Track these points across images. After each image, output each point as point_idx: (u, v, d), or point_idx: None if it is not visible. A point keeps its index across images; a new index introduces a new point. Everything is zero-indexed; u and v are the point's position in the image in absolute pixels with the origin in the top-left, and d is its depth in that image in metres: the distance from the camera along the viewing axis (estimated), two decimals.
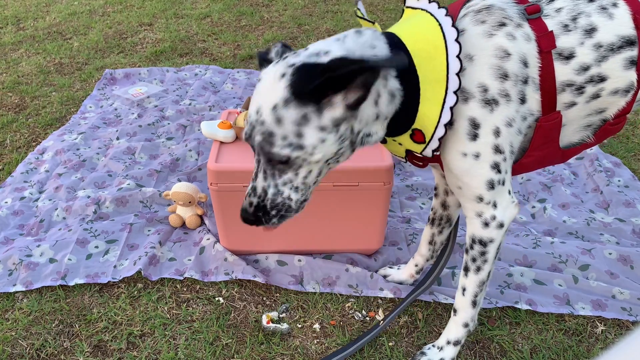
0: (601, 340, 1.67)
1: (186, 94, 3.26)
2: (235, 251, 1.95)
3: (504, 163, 1.25)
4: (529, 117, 1.23)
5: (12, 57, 3.84)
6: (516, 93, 1.19)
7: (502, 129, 1.20)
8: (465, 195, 1.32)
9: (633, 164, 2.55)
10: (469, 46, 1.18)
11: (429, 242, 1.74)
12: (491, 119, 1.19)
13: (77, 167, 2.52)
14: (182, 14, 4.72)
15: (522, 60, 1.18)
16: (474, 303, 1.46)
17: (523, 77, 1.19)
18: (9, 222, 2.18)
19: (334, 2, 5.04)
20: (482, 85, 1.18)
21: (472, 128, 1.21)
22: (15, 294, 1.84)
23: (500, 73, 1.17)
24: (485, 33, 1.18)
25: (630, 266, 1.90)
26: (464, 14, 1.21)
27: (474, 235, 1.36)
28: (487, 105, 1.19)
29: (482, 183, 1.26)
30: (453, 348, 1.53)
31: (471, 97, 1.19)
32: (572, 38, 1.20)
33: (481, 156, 1.23)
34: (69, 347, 1.65)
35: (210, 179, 1.77)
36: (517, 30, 1.19)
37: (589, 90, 1.23)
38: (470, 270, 1.42)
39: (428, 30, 1.17)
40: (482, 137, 1.21)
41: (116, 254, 1.98)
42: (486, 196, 1.28)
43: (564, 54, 1.20)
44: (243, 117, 1.91)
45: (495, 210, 1.31)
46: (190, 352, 1.62)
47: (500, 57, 1.17)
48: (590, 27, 1.20)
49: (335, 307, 1.79)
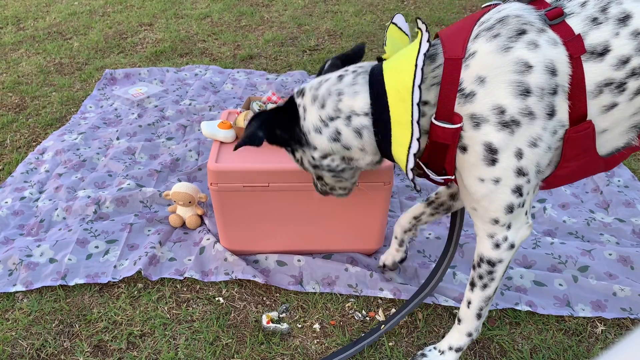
0: (601, 340, 1.67)
1: (186, 94, 3.26)
2: (235, 251, 1.95)
3: (527, 185, 1.18)
4: (559, 129, 1.13)
5: (12, 57, 3.84)
6: (542, 108, 1.09)
7: (526, 150, 1.12)
8: (480, 217, 1.27)
9: (633, 164, 2.55)
10: (479, 67, 1.10)
11: (414, 216, 1.69)
12: (512, 142, 1.11)
13: (77, 167, 2.52)
14: (182, 14, 4.72)
15: (549, 69, 1.08)
16: (478, 315, 1.45)
17: (551, 88, 1.09)
18: (9, 222, 2.18)
19: (334, 2, 5.04)
20: (498, 107, 1.10)
21: (488, 153, 1.13)
22: (16, 294, 1.84)
23: (521, 90, 1.08)
24: (500, 48, 1.09)
25: (631, 266, 1.90)
26: (476, 34, 1.13)
27: (483, 255, 1.32)
28: (505, 128, 1.10)
29: (501, 207, 1.21)
30: (454, 354, 1.52)
31: (484, 122, 1.11)
32: (604, 31, 1.08)
33: (502, 181, 1.16)
34: (69, 347, 1.65)
35: (210, 179, 1.77)
36: (540, 36, 1.08)
37: (632, 85, 1.10)
38: (476, 286, 1.39)
39: (406, 68, 1.13)
40: (502, 161, 1.13)
41: (116, 254, 1.98)
42: (502, 219, 1.24)
43: (596, 51, 1.08)
44: (243, 117, 1.91)
45: (508, 232, 1.26)
46: (190, 352, 1.62)
47: (519, 72, 1.08)
48: (623, 14, 1.07)
49: (335, 307, 1.79)
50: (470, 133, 1.14)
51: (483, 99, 1.11)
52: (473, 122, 1.13)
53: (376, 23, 4.47)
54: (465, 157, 1.18)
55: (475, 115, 1.12)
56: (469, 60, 1.12)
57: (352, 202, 1.82)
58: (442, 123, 1.15)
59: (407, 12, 4.72)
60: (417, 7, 4.85)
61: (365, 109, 1.22)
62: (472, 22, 1.16)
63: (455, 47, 1.13)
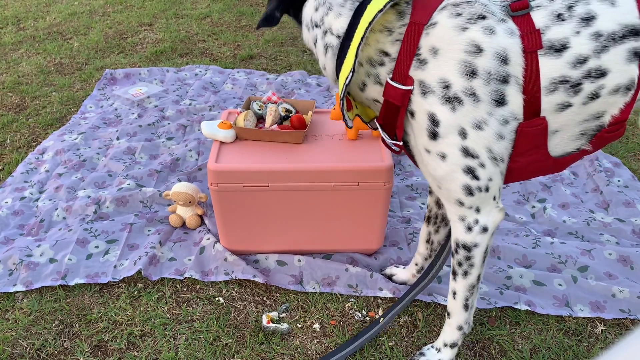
0: (601, 340, 1.67)
1: (186, 94, 3.26)
2: (235, 251, 1.96)
3: (481, 169, 1.19)
4: (512, 121, 1.15)
5: (12, 57, 3.84)
6: (488, 93, 1.12)
7: (470, 131, 1.14)
8: (445, 197, 1.29)
9: (633, 164, 2.55)
10: (435, 39, 1.14)
11: (426, 240, 1.73)
12: (454, 119, 1.14)
13: (77, 167, 2.53)
14: (182, 14, 4.72)
15: (500, 56, 1.10)
16: (466, 306, 1.44)
17: (500, 76, 1.11)
18: (9, 222, 2.18)
19: None
20: (445, 81, 1.13)
21: (431, 125, 1.17)
22: (16, 294, 1.84)
23: (468, 70, 1.11)
24: (458, 26, 1.12)
25: (630, 267, 1.90)
26: (443, 6, 1.16)
27: (458, 239, 1.33)
28: (447, 103, 1.14)
29: (459, 187, 1.22)
30: (450, 350, 1.53)
31: (430, 92, 1.15)
32: (566, 28, 1.10)
33: (448, 158, 1.19)
34: (69, 347, 1.65)
35: (210, 179, 1.77)
36: (498, 25, 1.11)
37: (587, 87, 1.13)
38: (458, 274, 1.39)
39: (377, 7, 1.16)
40: (444, 137, 1.17)
41: (116, 254, 1.98)
42: (466, 201, 1.25)
43: (555, 47, 1.10)
44: (243, 117, 1.91)
45: (478, 215, 1.27)
46: (191, 352, 1.63)
47: (469, 53, 1.11)
48: (588, 15, 1.09)
49: (335, 307, 1.79)
50: (418, 99, 1.18)
51: (433, 70, 1.15)
52: (421, 90, 1.17)
53: None
54: (413, 122, 1.23)
55: (424, 83, 1.17)
56: (429, 29, 1.15)
57: (352, 202, 1.82)
58: (396, 83, 1.20)
59: None
60: None
61: (339, 32, 1.26)
62: None
63: (423, 13, 1.17)
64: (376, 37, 1.23)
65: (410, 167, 2.55)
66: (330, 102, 3.14)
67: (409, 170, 2.54)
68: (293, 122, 1.89)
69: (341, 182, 1.77)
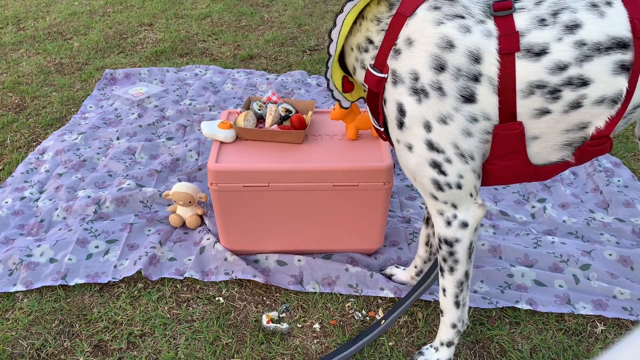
0: (601, 340, 1.67)
1: (186, 94, 3.26)
2: (235, 251, 1.96)
3: (448, 165, 1.19)
4: (482, 120, 1.14)
5: (12, 57, 3.84)
6: (456, 89, 1.12)
7: (434, 124, 1.15)
8: (421, 191, 1.31)
9: (633, 164, 2.55)
10: (411, 30, 1.16)
11: (425, 242, 1.73)
12: (419, 111, 1.16)
13: (77, 167, 2.53)
14: (182, 14, 4.72)
15: (473, 55, 1.10)
16: (457, 304, 1.43)
17: (471, 74, 1.11)
18: (9, 222, 2.18)
19: (334, 2, 5.04)
20: (414, 73, 1.15)
21: (399, 114, 1.20)
22: (16, 294, 1.84)
23: (437, 64, 1.12)
24: (434, 20, 1.14)
25: (631, 267, 1.90)
26: None
27: (439, 234, 1.33)
28: (414, 94, 1.16)
29: (428, 181, 1.23)
30: (447, 349, 1.52)
31: (400, 82, 1.18)
32: (548, 33, 1.08)
33: (414, 149, 1.20)
34: (69, 347, 1.65)
35: (210, 179, 1.77)
36: (476, 25, 1.11)
37: (567, 95, 1.10)
38: (445, 271, 1.39)
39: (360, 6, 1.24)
40: (410, 127, 1.19)
41: (116, 253, 1.98)
42: (439, 196, 1.25)
43: (533, 50, 1.09)
44: (243, 117, 1.91)
45: (456, 210, 1.27)
46: (191, 352, 1.63)
47: (441, 47, 1.12)
48: (573, 23, 1.08)
49: (335, 307, 1.79)
50: (389, 88, 1.21)
51: (405, 60, 1.17)
52: (393, 79, 1.20)
53: None
54: (386, 110, 1.26)
55: (395, 73, 1.19)
56: (410, 19, 1.18)
57: (352, 202, 1.82)
58: (374, 70, 1.24)
59: None
60: None
61: None
62: None
63: (410, 4, 1.19)
64: (366, 25, 1.28)
65: None
66: (331, 102, 3.14)
67: None
68: (293, 122, 1.89)
69: (341, 182, 1.77)
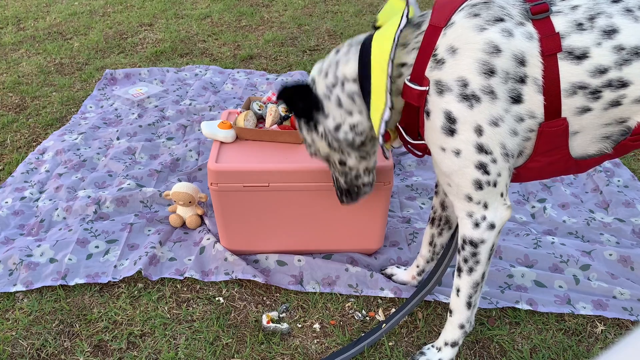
0: (601, 340, 1.67)
1: (186, 94, 3.26)
2: (235, 251, 1.96)
3: (493, 165, 1.21)
4: (528, 119, 1.17)
5: (12, 57, 3.84)
6: (505, 91, 1.14)
7: (486, 127, 1.16)
8: (454, 194, 1.30)
9: (633, 164, 2.55)
10: (452, 38, 1.16)
11: (429, 242, 1.73)
12: (471, 116, 1.16)
13: (77, 167, 2.53)
14: (182, 14, 4.73)
15: (518, 58, 1.13)
16: (468, 304, 1.44)
17: (518, 76, 1.14)
18: (10, 222, 2.18)
19: (334, 2, 5.04)
20: (462, 79, 1.15)
21: (447, 122, 1.19)
22: (16, 294, 1.84)
23: (486, 69, 1.13)
24: (476, 27, 1.14)
25: (631, 267, 1.90)
26: (462, 7, 1.19)
27: (465, 235, 1.34)
28: (465, 101, 1.16)
29: (469, 182, 1.24)
30: (451, 349, 1.53)
31: (447, 90, 1.17)
32: (587, 37, 1.11)
33: (462, 154, 1.21)
34: (69, 347, 1.65)
35: (210, 179, 1.77)
36: (516, 28, 1.13)
37: (607, 95, 1.14)
38: (463, 271, 1.40)
39: (387, 41, 1.20)
40: (461, 133, 1.18)
41: (116, 253, 1.98)
42: (475, 196, 1.26)
43: (574, 53, 1.12)
44: (243, 117, 1.91)
45: (486, 211, 1.28)
46: (191, 352, 1.63)
47: (488, 52, 1.13)
48: (610, 28, 1.10)
49: (335, 307, 1.79)
50: (434, 98, 1.20)
51: (450, 69, 1.16)
52: (438, 88, 1.19)
53: None
54: (429, 123, 1.24)
55: (440, 82, 1.18)
56: (447, 29, 1.18)
57: None
58: (413, 84, 1.23)
59: None
60: None
61: (354, 75, 1.31)
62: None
63: (441, 16, 1.20)
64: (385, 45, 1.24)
65: (410, 167, 2.55)
66: None
67: (409, 170, 2.54)
68: (293, 122, 1.89)
69: None
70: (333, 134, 1.42)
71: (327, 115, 1.40)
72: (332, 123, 1.40)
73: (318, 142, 1.48)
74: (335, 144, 1.45)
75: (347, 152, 1.48)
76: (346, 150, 1.46)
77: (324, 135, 1.45)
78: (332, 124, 1.41)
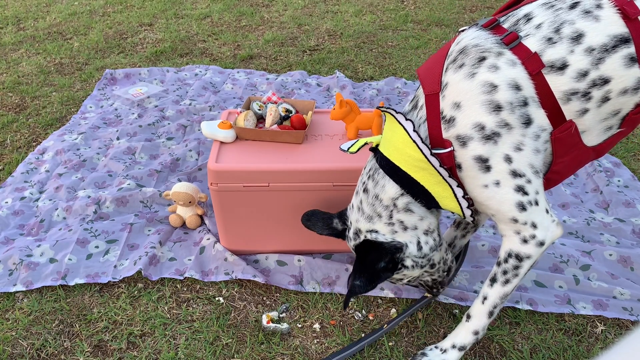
0: (601, 340, 1.67)
1: (186, 94, 3.26)
2: (235, 251, 1.96)
3: (529, 185, 1.26)
4: (542, 133, 1.23)
5: (12, 57, 3.84)
6: (517, 119, 1.20)
7: (513, 155, 1.23)
8: (502, 220, 1.33)
9: (633, 164, 2.55)
10: (453, 95, 1.23)
11: (449, 244, 1.73)
12: (498, 150, 1.23)
13: (77, 167, 2.53)
14: (182, 14, 4.73)
15: (513, 85, 1.19)
16: (490, 313, 1.45)
17: (520, 101, 1.20)
18: (9, 222, 2.18)
19: (334, 2, 5.04)
20: (478, 124, 1.22)
21: (481, 163, 1.25)
22: (16, 294, 1.84)
23: (493, 106, 1.20)
24: (467, 75, 1.22)
25: (631, 267, 1.90)
26: (446, 67, 1.26)
27: (511, 250, 1.35)
28: (488, 141, 1.22)
29: (512, 206, 1.28)
30: (457, 353, 1.52)
31: (469, 139, 1.23)
32: (560, 49, 1.18)
33: (501, 182, 1.26)
34: (69, 347, 1.65)
35: (210, 179, 1.77)
36: (499, 59, 1.20)
37: (596, 94, 1.20)
38: (497, 282, 1.40)
39: (406, 147, 1.30)
40: (495, 166, 1.24)
41: (116, 253, 1.98)
42: (520, 217, 1.29)
43: (556, 65, 1.18)
44: (243, 117, 1.91)
45: (535, 230, 1.31)
46: (191, 352, 1.63)
47: (488, 92, 1.20)
48: (576, 34, 1.17)
49: (335, 307, 1.79)
50: (460, 152, 1.26)
51: (463, 121, 1.23)
52: (460, 142, 1.25)
53: (376, 23, 4.47)
54: (462, 174, 1.30)
55: (460, 136, 1.25)
56: (444, 91, 1.26)
57: None
58: (436, 150, 1.29)
59: (407, 12, 4.72)
60: (417, 7, 4.85)
61: (398, 192, 1.38)
62: (442, 57, 1.29)
63: (432, 82, 1.28)
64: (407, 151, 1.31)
65: None
66: (331, 102, 3.14)
67: None
68: (293, 122, 1.89)
69: (341, 182, 1.77)
70: (419, 255, 1.46)
71: (405, 244, 1.43)
72: (413, 247, 1.44)
73: (410, 273, 1.50)
74: (425, 260, 1.48)
75: (431, 256, 1.50)
76: (430, 255, 1.49)
77: (415, 264, 1.47)
78: (413, 248, 1.44)
